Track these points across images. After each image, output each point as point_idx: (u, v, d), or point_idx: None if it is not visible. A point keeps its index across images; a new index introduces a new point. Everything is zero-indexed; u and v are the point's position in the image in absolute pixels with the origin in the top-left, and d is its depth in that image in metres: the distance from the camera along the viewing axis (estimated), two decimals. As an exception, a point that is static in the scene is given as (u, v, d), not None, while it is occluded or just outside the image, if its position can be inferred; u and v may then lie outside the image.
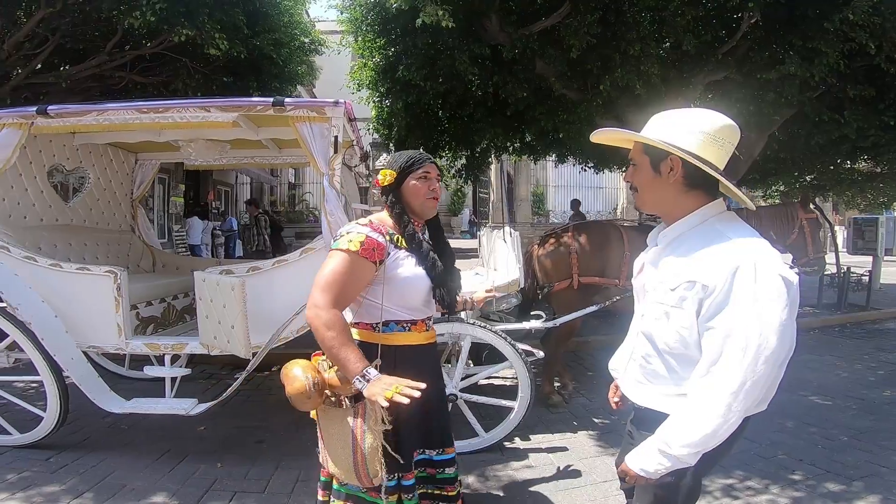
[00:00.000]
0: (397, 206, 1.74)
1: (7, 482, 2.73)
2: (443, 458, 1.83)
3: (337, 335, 1.49)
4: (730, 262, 1.17)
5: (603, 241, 3.92)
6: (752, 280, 1.15)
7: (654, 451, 1.27)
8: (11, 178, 3.37)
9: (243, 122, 3.04)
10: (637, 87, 4.93)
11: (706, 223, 1.30)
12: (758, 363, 1.14)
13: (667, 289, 1.29)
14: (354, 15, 5.96)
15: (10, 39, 5.69)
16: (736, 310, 1.16)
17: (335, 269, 1.58)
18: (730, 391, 1.16)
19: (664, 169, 1.31)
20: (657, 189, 1.35)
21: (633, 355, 1.48)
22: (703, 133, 1.27)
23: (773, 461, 3.11)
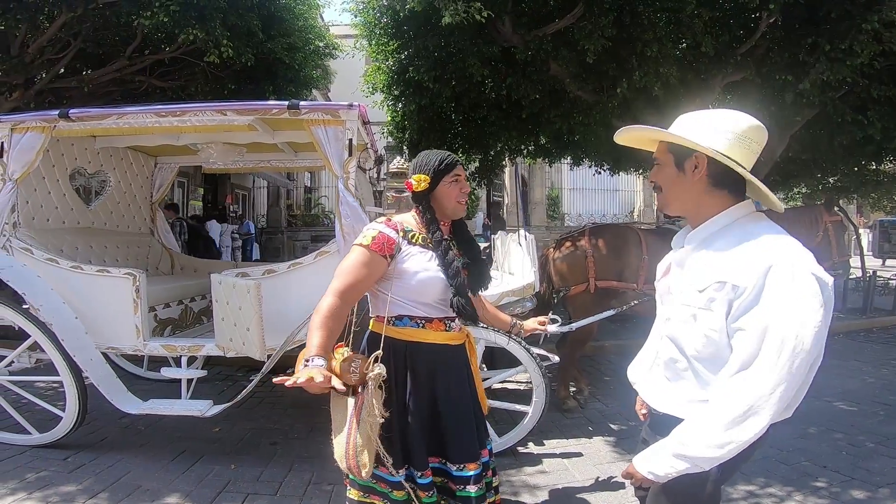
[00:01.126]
0: (429, 211, 1.76)
1: (26, 481, 2.77)
2: (462, 475, 1.70)
3: (318, 317, 1.55)
4: (762, 261, 1.14)
5: (620, 245, 3.87)
6: (787, 279, 1.11)
7: (667, 453, 1.22)
8: (35, 181, 3.45)
9: (259, 125, 3.07)
10: (655, 89, 4.86)
11: (735, 223, 1.27)
12: (793, 365, 1.09)
13: (695, 290, 1.25)
14: (368, 18, 6.00)
15: (33, 44, 5.84)
16: (770, 309, 1.11)
17: (349, 261, 1.68)
18: (763, 393, 1.11)
19: (688, 167, 1.29)
20: (681, 188, 1.32)
21: (655, 360, 1.44)
22: (730, 132, 1.25)
23: (796, 467, 3.04)
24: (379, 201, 4.53)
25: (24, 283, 2.98)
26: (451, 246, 1.77)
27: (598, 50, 4.69)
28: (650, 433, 1.46)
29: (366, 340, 1.80)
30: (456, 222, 1.87)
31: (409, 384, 1.72)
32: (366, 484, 1.69)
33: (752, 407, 1.11)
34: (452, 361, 1.81)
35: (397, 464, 1.65)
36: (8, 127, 3.06)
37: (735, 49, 5.23)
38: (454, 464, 1.72)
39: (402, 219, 1.79)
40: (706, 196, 1.30)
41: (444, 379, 1.74)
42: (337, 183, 2.86)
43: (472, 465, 1.72)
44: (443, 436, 1.73)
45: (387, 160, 5.14)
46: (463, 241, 1.86)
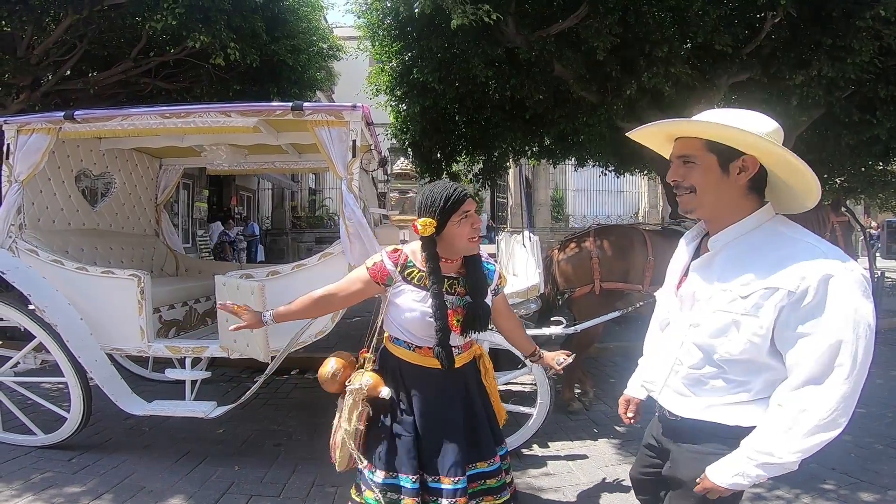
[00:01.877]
0: (432, 260, 1.70)
1: (31, 482, 2.78)
2: (436, 486, 1.73)
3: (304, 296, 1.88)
4: (819, 268, 1.14)
5: (626, 246, 3.84)
6: (851, 288, 1.12)
7: (752, 463, 1.21)
8: (41, 183, 3.46)
9: (263, 126, 3.07)
10: (666, 90, 4.84)
11: (762, 227, 1.26)
12: (866, 368, 1.13)
13: (735, 296, 1.22)
14: (371, 20, 6.00)
15: (39, 46, 5.88)
16: (842, 318, 1.12)
17: (354, 272, 1.88)
18: (846, 396, 1.14)
19: (733, 169, 1.24)
20: (721, 190, 1.26)
21: (674, 368, 1.40)
22: (767, 133, 1.22)
23: (802, 470, 2.97)
24: (383, 203, 4.53)
25: (29, 285, 3.00)
26: (451, 287, 1.76)
27: (607, 48, 4.66)
28: (666, 439, 1.44)
29: (379, 350, 1.93)
30: (469, 257, 1.82)
31: (402, 396, 1.82)
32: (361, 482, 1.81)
33: (837, 410, 1.14)
34: (445, 386, 1.82)
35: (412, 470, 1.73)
36: (14, 128, 3.08)
37: (740, 49, 5.20)
38: (429, 475, 1.76)
39: (412, 250, 1.80)
40: (742, 199, 1.27)
41: (427, 399, 1.80)
42: (341, 184, 2.86)
43: (446, 479, 1.72)
44: (421, 449, 1.77)
45: (390, 161, 5.15)
46: (472, 276, 1.80)
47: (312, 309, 1.90)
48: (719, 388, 1.29)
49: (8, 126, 3.10)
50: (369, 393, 1.76)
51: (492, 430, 1.91)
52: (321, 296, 1.86)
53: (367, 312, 2.07)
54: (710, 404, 1.31)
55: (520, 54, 5.16)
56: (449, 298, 1.74)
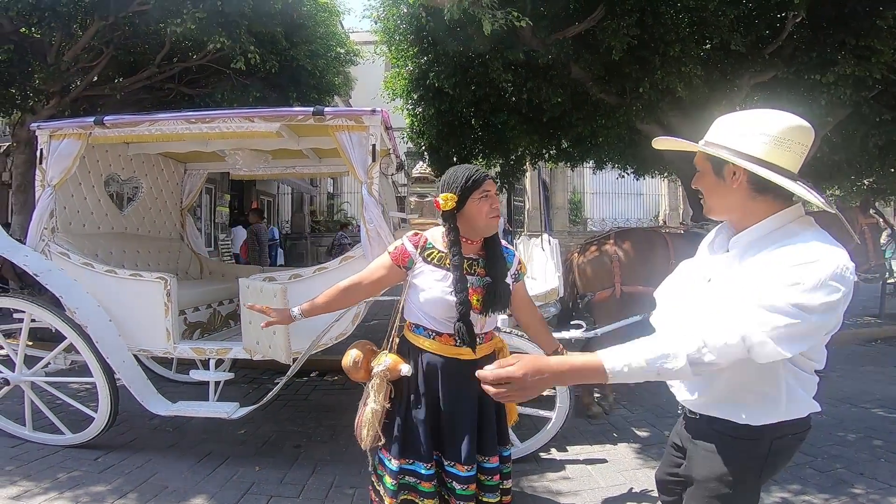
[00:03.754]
0: (453, 232, 1.76)
1: (57, 481, 2.85)
2: (451, 471, 1.82)
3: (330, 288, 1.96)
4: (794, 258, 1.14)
5: (647, 249, 3.80)
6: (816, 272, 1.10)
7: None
8: (72, 187, 3.56)
9: (285, 131, 3.12)
10: (678, 90, 4.79)
11: (783, 229, 1.23)
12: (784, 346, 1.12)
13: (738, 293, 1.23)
14: (388, 25, 6.06)
15: (68, 52, 6.06)
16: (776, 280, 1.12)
17: (376, 260, 1.94)
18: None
19: (727, 174, 1.26)
20: (723, 194, 1.30)
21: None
22: (767, 136, 1.20)
23: (830, 475, 2.95)
24: (402, 206, 4.56)
25: (61, 287, 3.09)
26: (471, 268, 1.81)
27: (623, 48, 4.64)
28: (686, 437, 1.43)
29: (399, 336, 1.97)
30: (488, 238, 1.87)
31: (420, 384, 1.84)
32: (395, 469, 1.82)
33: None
34: (461, 375, 1.80)
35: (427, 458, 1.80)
36: (47, 133, 3.18)
37: (762, 49, 5.13)
38: (446, 460, 1.84)
39: (432, 234, 1.87)
40: (751, 202, 1.26)
41: (444, 389, 1.83)
42: (361, 188, 2.89)
43: (461, 466, 1.80)
44: (441, 435, 1.85)
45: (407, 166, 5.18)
46: (492, 257, 1.85)
47: (339, 299, 1.97)
48: (731, 383, 1.28)
49: (41, 131, 3.20)
50: (391, 372, 1.80)
51: (499, 428, 1.94)
52: (347, 286, 1.93)
53: (385, 316, 2.09)
54: (721, 400, 1.31)
55: (537, 58, 5.16)
56: (469, 279, 1.77)
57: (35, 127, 3.26)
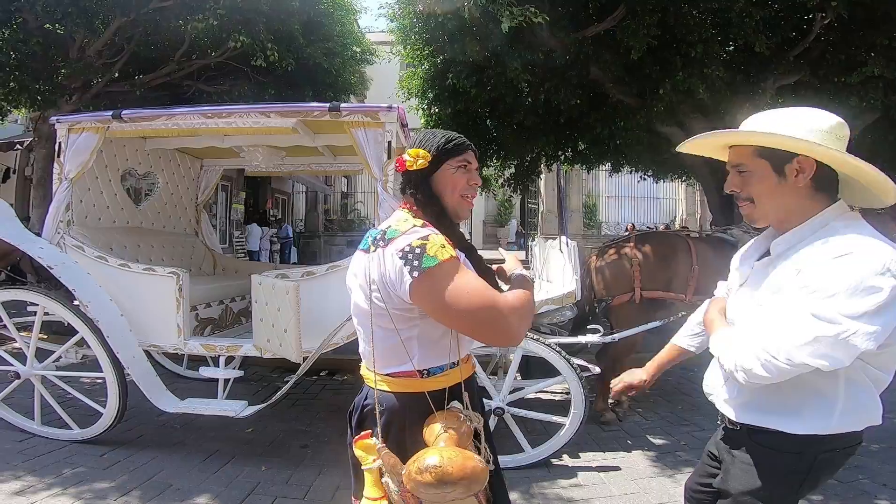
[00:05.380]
0: (434, 203, 1.30)
1: (62, 476, 2.84)
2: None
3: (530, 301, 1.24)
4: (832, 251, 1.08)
5: (669, 253, 3.70)
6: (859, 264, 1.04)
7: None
8: (88, 181, 3.58)
9: (301, 128, 3.10)
10: (700, 91, 4.69)
11: (829, 226, 1.16)
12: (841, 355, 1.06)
13: (772, 294, 1.19)
14: (403, 23, 6.04)
15: (91, 48, 6.15)
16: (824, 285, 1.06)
17: (463, 282, 1.15)
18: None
19: (790, 171, 1.18)
20: (782, 196, 1.20)
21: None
22: (823, 131, 1.15)
23: (853, 486, 2.86)
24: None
25: (74, 280, 3.09)
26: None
27: (644, 49, 4.56)
28: (724, 448, 1.37)
29: (384, 413, 1.25)
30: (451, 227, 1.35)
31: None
32: None
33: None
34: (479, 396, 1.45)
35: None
36: (66, 127, 3.20)
37: (787, 51, 5.01)
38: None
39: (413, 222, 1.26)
40: (808, 201, 1.19)
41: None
42: (376, 186, 2.86)
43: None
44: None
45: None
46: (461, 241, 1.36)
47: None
48: (773, 391, 1.21)
49: (60, 125, 3.22)
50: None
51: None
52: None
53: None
54: (765, 407, 1.24)
55: (556, 58, 5.10)
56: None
57: (54, 120, 3.29)
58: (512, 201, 20.32)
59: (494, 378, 3.46)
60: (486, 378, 3.13)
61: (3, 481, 2.74)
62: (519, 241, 19.17)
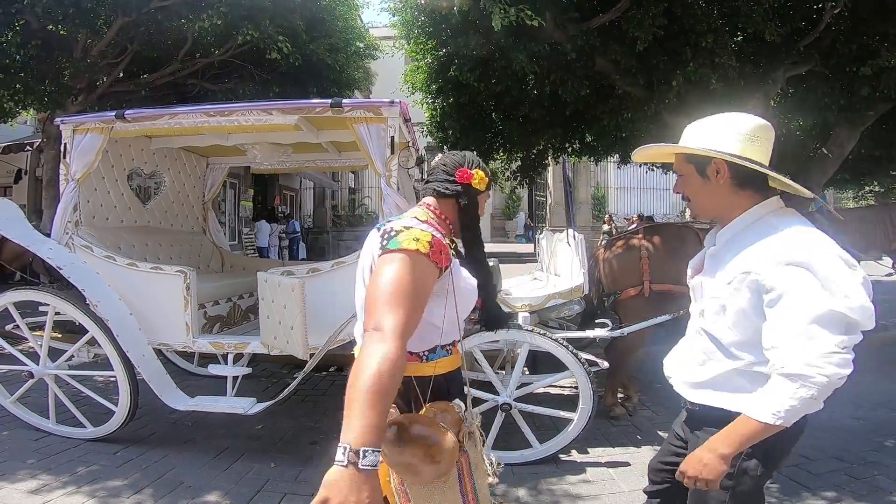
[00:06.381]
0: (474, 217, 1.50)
1: (76, 475, 2.87)
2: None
3: (377, 379, 1.03)
4: (783, 255, 1.22)
5: (678, 246, 3.64)
6: (806, 277, 1.19)
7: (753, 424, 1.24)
8: (95, 182, 3.60)
9: (304, 124, 3.09)
10: (712, 82, 4.62)
11: (761, 220, 1.34)
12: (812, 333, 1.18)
13: (723, 283, 1.35)
14: (406, 18, 6.00)
15: (94, 48, 6.18)
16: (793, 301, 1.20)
17: (402, 276, 1.17)
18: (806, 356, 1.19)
19: (710, 173, 1.38)
20: (709, 194, 1.41)
21: (689, 353, 1.50)
22: (740, 134, 1.34)
23: (867, 482, 2.82)
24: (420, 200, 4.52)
25: (84, 280, 3.11)
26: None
27: (650, 39, 4.49)
28: (686, 429, 1.49)
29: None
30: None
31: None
32: None
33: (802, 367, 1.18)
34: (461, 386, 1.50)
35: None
36: (71, 128, 3.21)
37: (797, 41, 4.92)
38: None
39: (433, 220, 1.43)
40: (734, 197, 1.38)
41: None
42: (380, 181, 2.85)
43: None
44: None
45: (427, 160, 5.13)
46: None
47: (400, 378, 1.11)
48: (727, 371, 1.36)
49: (65, 126, 3.24)
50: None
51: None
52: (402, 355, 1.11)
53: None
54: (717, 389, 1.37)
55: (561, 50, 5.04)
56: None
57: (59, 122, 3.30)
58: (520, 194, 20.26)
59: (502, 373, 3.44)
60: (492, 373, 3.11)
61: (20, 480, 2.78)
62: (527, 233, 19.11)
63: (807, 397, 1.18)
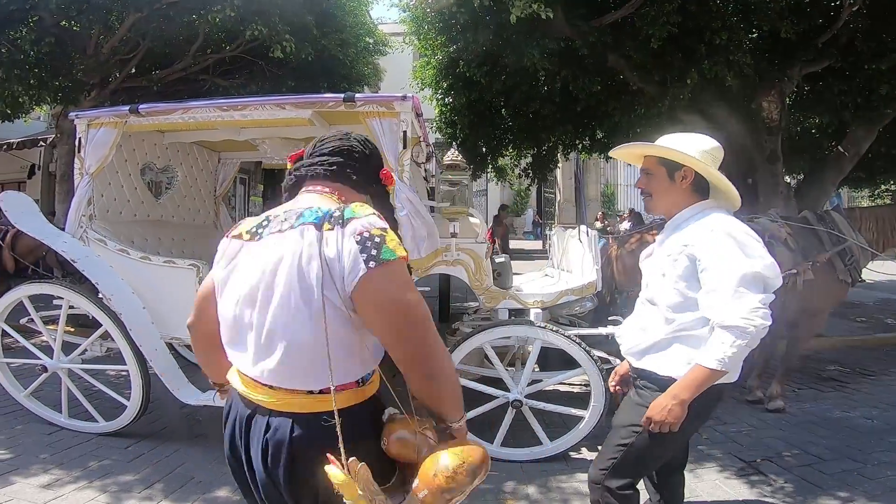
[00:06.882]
0: (390, 209, 1.38)
1: (88, 469, 2.89)
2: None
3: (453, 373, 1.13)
4: (711, 226, 1.60)
5: None
6: (723, 239, 1.56)
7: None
8: (109, 176, 3.62)
9: (316, 119, 3.08)
10: (728, 79, 4.57)
11: (700, 213, 1.68)
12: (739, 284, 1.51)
13: (665, 256, 1.70)
14: (416, 13, 5.98)
15: (106, 44, 6.22)
16: (714, 259, 1.56)
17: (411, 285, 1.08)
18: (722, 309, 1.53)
19: (678, 177, 1.70)
20: (670, 194, 1.73)
21: (635, 323, 1.82)
22: (705, 151, 1.68)
23: (881, 482, 2.79)
24: (431, 196, 4.50)
25: (97, 273, 3.13)
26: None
27: (664, 37, 4.45)
28: (640, 384, 1.76)
29: (339, 428, 1.02)
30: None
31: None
32: None
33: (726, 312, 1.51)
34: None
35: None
36: (85, 122, 3.23)
37: (814, 38, 4.85)
38: None
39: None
40: (688, 199, 1.72)
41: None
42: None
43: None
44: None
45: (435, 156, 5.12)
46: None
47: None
48: (660, 338, 1.68)
49: (79, 120, 3.25)
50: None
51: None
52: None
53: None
54: (654, 354, 1.69)
55: (574, 46, 5.00)
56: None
57: (73, 116, 3.31)
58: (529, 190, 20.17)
59: (512, 369, 3.43)
60: (503, 369, 3.10)
61: (33, 475, 2.80)
62: (536, 230, 19.03)
63: (742, 345, 1.47)
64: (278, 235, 1.07)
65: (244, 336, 1.11)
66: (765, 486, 2.78)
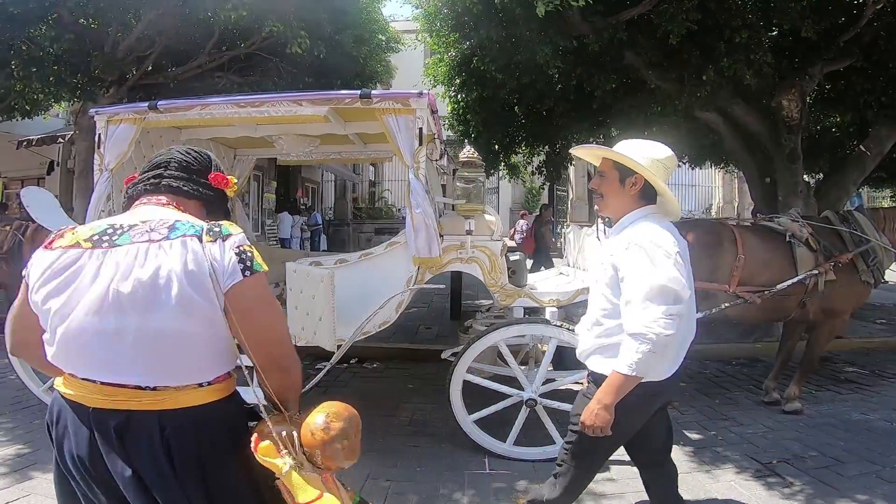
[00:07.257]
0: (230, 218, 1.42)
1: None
2: None
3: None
4: (630, 240, 1.69)
5: (712, 242, 3.56)
6: (638, 253, 1.65)
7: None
8: (128, 172, 3.65)
9: (332, 115, 3.10)
10: (747, 77, 4.50)
11: (639, 219, 1.76)
12: (654, 306, 1.59)
13: (600, 264, 1.83)
14: (429, 10, 5.96)
15: (124, 42, 6.29)
16: (631, 272, 1.65)
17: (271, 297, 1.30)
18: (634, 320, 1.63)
19: (628, 183, 1.78)
20: (619, 197, 1.81)
21: (585, 322, 1.91)
22: (658, 160, 1.76)
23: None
24: (445, 192, 4.50)
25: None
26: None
27: (682, 34, 4.38)
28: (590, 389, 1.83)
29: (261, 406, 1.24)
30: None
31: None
32: None
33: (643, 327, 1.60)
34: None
35: None
36: (105, 119, 3.27)
37: (837, 36, 4.76)
38: None
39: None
40: (635, 203, 1.80)
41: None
42: (407, 173, 2.84)
43: None
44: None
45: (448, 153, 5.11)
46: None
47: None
48: (595, 340, 1.81)
49: (99, 117, 3.29)
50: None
51: None
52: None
53: (423, 304, 2.01)
54: (595, 355, 1.81)
55: (588, 44, 4.95)
56: None
57: (93, 113, 3.36)
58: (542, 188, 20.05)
59: (525, 368, 3.41)
60: (517, 368, 3.09)
61: (51, 470, 2.78)
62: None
63: (646, 351, 1.56)
64: (148, 245, 1.12)
65: (104, 343, 1.09)
66: (781, 489, 2.75)
